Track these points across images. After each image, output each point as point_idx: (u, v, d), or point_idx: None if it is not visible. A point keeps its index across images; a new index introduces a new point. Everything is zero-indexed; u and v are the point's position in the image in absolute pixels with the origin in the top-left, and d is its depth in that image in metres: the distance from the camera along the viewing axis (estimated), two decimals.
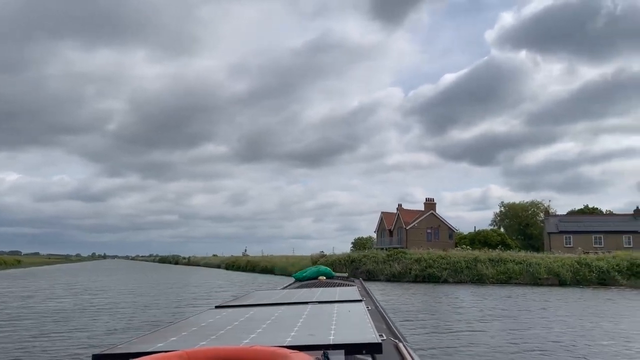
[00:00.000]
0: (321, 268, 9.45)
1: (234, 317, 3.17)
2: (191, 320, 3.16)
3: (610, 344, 12.72)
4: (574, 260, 39.36)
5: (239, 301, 4.42)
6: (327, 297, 4.29)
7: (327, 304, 3.80)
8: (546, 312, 20.32)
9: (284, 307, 3.72)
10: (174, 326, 2.92)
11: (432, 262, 42.19)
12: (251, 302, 4.17)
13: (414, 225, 58.41)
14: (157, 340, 2.38)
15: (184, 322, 3.06)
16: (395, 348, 2.67)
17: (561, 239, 54.73)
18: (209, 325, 2.90)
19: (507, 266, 40.25)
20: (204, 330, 2.71)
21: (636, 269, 37.41)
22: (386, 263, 43.84)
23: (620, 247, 51.04)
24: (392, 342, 2.82)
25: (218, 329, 2.69)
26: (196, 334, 2.59)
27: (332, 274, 9.24)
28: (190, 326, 2.85)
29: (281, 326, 2.75)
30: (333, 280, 8.18)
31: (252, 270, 64.86)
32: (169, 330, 2.74)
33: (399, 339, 3.01)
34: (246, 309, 3.63)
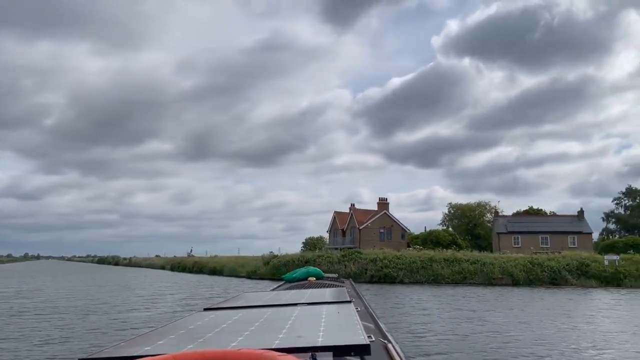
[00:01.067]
0: (310, 269, 9.20)
1: (222, 320, 3.15)
2: (179, 323, 3.11)
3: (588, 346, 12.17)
4: (527, 260, 39.81)
5: (227, 303, 4.36)
6: (316, 299, 4.22)
7: (316, 305, 3.74)
8: (517, 312, 19.88)
9: (272, 309, 3.66)
10: (161, 329, 2.87)
11: (388, 262, 41.59)
12: (240, 304, 4.11)
13: (367, 225, 57.85)
14: (145, 343, 2.34)
15: (171, 325, 3.01)
16: (385, 349, 2.66)
17: (510, 239, 55.77)
18: (197, 328, 2.87)
19: (462, 266, 40.22)
20: (192, 333, 2.69)
21: (585, 268, 38.25)
22: (341, 263, 42.83)
23: (565, 247, 52.49)
24: (381, 343, 2.83)
25: (206, 332, 2.67)
26: (184, 337, 2.56)
27: (321, 275, 9.02)
28: (178, 329, 2.82)
29: (269, 328, 2.73)
30: (323, 281, 8.02)
31: (199, 271, 62.32)
32: (157, 333, 2.69)
33: (389, 340, 3.02)
34: (234, 311, 3.60)
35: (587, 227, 56.32)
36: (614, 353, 11.76)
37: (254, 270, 47.86)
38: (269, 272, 45.79)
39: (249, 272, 48.48)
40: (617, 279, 36.85)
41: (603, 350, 12.09)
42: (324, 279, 8.69)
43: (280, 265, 45.57)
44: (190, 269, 66.00)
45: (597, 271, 37.71)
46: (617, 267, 37.60)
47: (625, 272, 37.15)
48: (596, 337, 13.93)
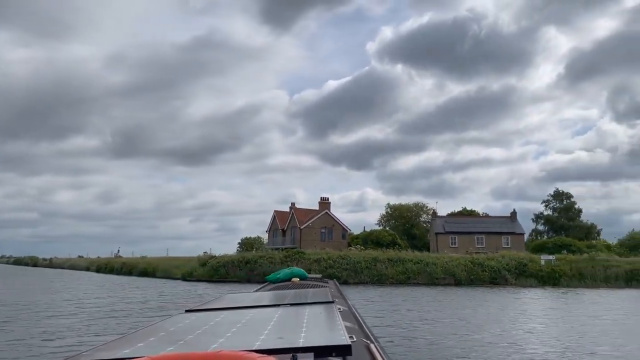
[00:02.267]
0: (294, 270, 9.12)
1: (203, 321, 3.11)
2: (159, 325, 3.07)
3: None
4: (468, 260, 40.29)
5: (209, 305, 4.32)
6: (299, 299, 4.20)
7: (299, 306, 3.71)
8: (471, 311, 19.47)
9: (255, 310, 3.63)
10: (141, 331, 2.82)
11: (332, 262, 40.72)
12: (222, 306, 4.08)
13: (309, 224, 56.81)
14: (123, 346, 2.30)
15: (152, 328, 2.97)
16: (367, 349, 2.65)
17: (447, 239, 56.72)
18: (178, 330, 2.83)
19: (405, 266, 40.07)
20: (172, 335, 2.65)
21: (523, 268, 39.23)
22: (284, 264, 41.36)
23: (499, 247, 54.05)
24: (364, 343, 2.81)
25: (186, 334, 2.64)
26: (164, 339, 2.52)
27: (305, 276, 8.97)
28: (158, 331, 2.78)
29: (251, 330, 2.72)
30: (306, 282, 7.95)
31: (128, 273, 58.60)
32: (136, 336, 2.64)
33: (371, 339, 3.04)
34: (216, 313, 3.56)
35: (519, 228, 58.40)
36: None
37: (190, 272, 45.37)
38: (207, 273, 43.58)
39: (184, 273, 45.91)
40: (553, 278, 38.04)
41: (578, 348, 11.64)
42: (308, 280, 8.60)
43: (219, 267, 43.54)
44: (119, 271, 62.00)
45: (535, 271, 38.78)
46: (553, 266, 38.86)
47: (561, 271, 38.45)
48: (567, 335, 13.57)
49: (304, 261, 41.33)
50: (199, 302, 5.51)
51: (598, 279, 37.32)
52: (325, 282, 8.34)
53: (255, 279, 41.47)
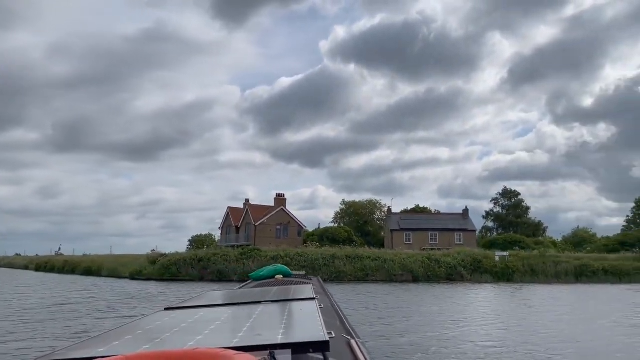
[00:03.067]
0: (278, 267, 9.07)
1: (182, 319, 3.05)
2: (137, 323, 3.01)
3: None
4: (424, 256, 40.44)
5: (189, 302, 4.19)
6: (280, 296, 4.12)
7: (280, 302, 3.64)
8: (435, 308, 19.18)
9: (235, 307, 3.63)
10: (118, 330, 2.76)
11: (289, 259, 39.73)
12: (202, 303, 3.96)
13: (264, 221, 55.62)
14: (99, 345, 2.25)
15: (129, 326, 2.90)
16: (348, 345, 2.67)
17: (402, 236, 57.06)
18: (156, 328, 2.78)
19: (363, 263, 39.75)
20: (149, 333, 2.60)
21: (478, 264, 39.76)
22: (239, 262, 40.24)
23: (452, 244, 54.85)
24: (344, 339, 2.86)
25: (164, 332, 2.60)
26: (140, 337, 2.48)
27: (289, 273, 8.89)
28: (135, 329, 2.73)
29: (230, 327, 2.72)
30: (290, 279, 7.86)
31: (71, 271, 55.47)
32: (113, 334, 2.59)
33: (352, 335, 3.04)
34: (196, 310, 3.49)
35: (471, 225, 59.55)
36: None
37: (139, 271, 43.25)
38: (157, 272, 41.68)
39: (132, 272, 43.72)
40: (507, 274, 38.75)
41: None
42: (292, 277, 8.53)
43: (170, 265, 41.75)
44: (61, 269, 58.60)
45: (489, 267, 39.37)
46: (507, 262, 39.58)
47: (514, 267, 39.23)
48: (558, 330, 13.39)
49: (260, 259, 40.25)
50: (178, 300, 5.32)
51: (550, 274, 38.32)
52: (309, 279, 8.28)
53: (208, 278, 40.04)
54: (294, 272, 9.75)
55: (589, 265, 39.20)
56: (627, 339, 12.51)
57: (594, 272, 38.47)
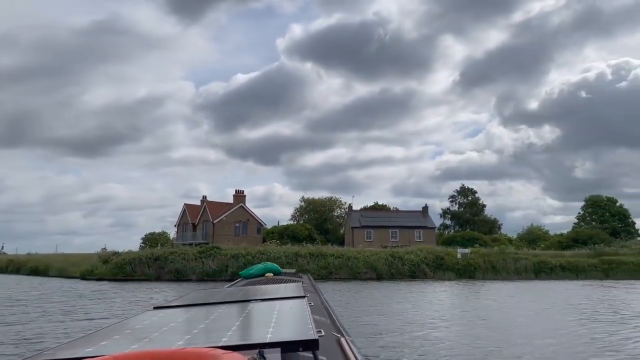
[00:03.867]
0: (268, 265, 9.07)
1: (171, 318, 3.07)
2: (125, 322, 3.01)
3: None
4: (388, 254, 40.19)
5: (178, 301, 4.20)
6: (270, 295, 4.11)
7: (269, 301, 3.63)
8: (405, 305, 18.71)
9: (225, 305, 3.58)
10: (106, 329, 2.74)
11: (250, 258, 38.58)
12: (191, 302, 3.99)
13: (222, 218, 54.03)
14: (86, 345, 2.23)
15: (117, 325, 2.90)
16: (337, 343, 2.69)
17: (363, 233, 56.83)
18: (144, 327, 2.76)
19: (327, 260, 39.09)
20: (138, 332, 2.59)
21: (440, 261, 39.85)
22: (198, 260, 38.75)
23: (412, 241, 55.06)
24: (334, 337, 2.88)
25: (153, 331, 2.57)
26: (129, 337, 2.46)
27: (279, 271, 8.95)
28: (123, 329, 2.72)
29: (219, 326, 2.69)
30: (280, 277, 7.91)
31: (16, 271, 52.22)
32: (101, 334, 2.57)
33: (342, 334, 3.06)
34: (186, 309, 3.54)
35: (431, 222, 60.01)
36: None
37: (91, 270, 40.95)
38: (110, 271, 39.61)
39: (83, 272, 41.36)
40: (469, 271, 39.02)
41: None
42: (282, 275, 8.54)
43: (124, 264, 39.76)
44: (4, 269, 55.09)
45: (451, 264, 39.53)
46: (468, 260, 39.85)
47: (475, 264, 39.54)
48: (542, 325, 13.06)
49: (220, 257, 38.96)
50: (167, 299, 5.17)
51: (510, 271, 38.85)
52: (299, 277, 8.23)
53: (166, 277, 38.36)
54: (284, 270, 9.70)
55: (546, 262, 40.02)
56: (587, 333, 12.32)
57: (552, 269, 39.31)
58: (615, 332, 12.95)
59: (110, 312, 17.27)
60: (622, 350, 10.60)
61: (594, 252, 42.28)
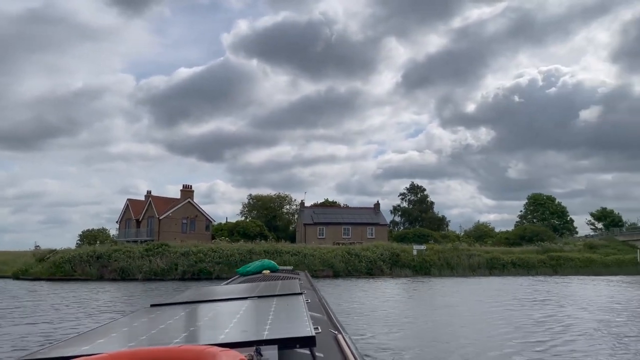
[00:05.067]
0: (265, 262, 9.03)
1: (168, 316, 3.05)
2: (123, 321, 3.02)
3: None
4: (344, 251, 39.47)
5: (176, 299, 4.18)
6: (267, 292, 4.11)
7: (267, 298, 3.64)
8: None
9: (222, 303, 3.59)
10: (104, 327, 2.73)
11: (202, 255, 36.81)
12: (189, 300, 3.99)
13: (169, 214, 51.39)
14: (84, 343, 2.22)
15: (115, 323, 2.90)
16: (335, 340, 2.70)
17: (315, 230, 55.90)
18: (142, 325, 2.77)
19: (283, 258, 37.67)
20: (135, 330, 2.60)
21: (395, 258, 39.55)
22: (145, 258, 36.43)
23: (365, 238, 54.70)
24: (331, 333, 2.89)
25: (150, 329, 2.59)
26: (126, 335, 2.49)
27: (276, 268, 8.91)
28: (121, 327, 2.71)
29: (216, 323, 2.72)
30: (277, 274, 7.87)
31: None
32: (98, 332, 2.55)
33: (339, 330, 3.08)
34: (183, 307, 3.51)
35: (383, 219, 59.93)
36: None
37: (25, 269, 37.66)
38: (46, 270, 36.61)
39: (16, 271, 37.97)
40: (425, 267, 38.93)
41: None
42: (279, 272, 8.52)
43: (63, 262, 36.85)
44: None
45: (407, 261, 39.32)
46: (424, 256, 39.78)
47: (431, 261, 39.52)
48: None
49: (169, 255, 36.83)
50: (164, 297, 5.16)
51: (464, 267, 39.10)
52: (296, 274, 8.22)
53: (109, 276, 35.80)
54: (281, 267, 9.60)
55: (498, 258, 40.66)
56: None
57: (504, 265, 39.95)
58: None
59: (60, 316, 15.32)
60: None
61: (542, 249, 43.41)
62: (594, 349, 10.11)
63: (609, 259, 41.42)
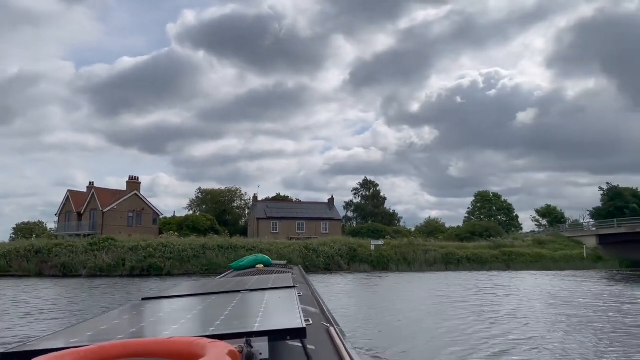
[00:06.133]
0: (259, 256, 8.96)
1: (159, 309, 3.06)
2: (113, 313, 2.97)
3: None
4: (302, 246, 38.55)
5: (167, 292, 4.10)
6: (259, 285, 4.06)
7: (259, 291, 3.61)
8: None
9: (214, 296, 3.55)
10: (94, 320, 2.70)
11: (152, 250, 34.78)
12: (180, 293, 3.94)
13: (114, 207, 48.54)
14: (73, 335, 2.20)
15: (105, 316, 2.84)
16: (327, 333, 2.73)
17: (269, 225, 54.67)
18: (132, 318, 2.77)
19: (238, 253, 36.19)
20: (125, 323, 2.58)
21: (353, 253, 39.04)
22: (89, 253, 34.02)
23: (319, 233, 54.09)
24: (323, 326, 2.91)
25: (140, 322, 2.60)
26: (116, 327, 2.44)
27: (269, 262, 8.81)
28: (111, 320, 2.65)
29: (207, 316, 2.69)
30: (270, 269, 7.79)
31: None
32: (88, 324, 2.52)
33: (331, 323, 3.06)
34: (174, 300, 3.49)
35: (337, 214, 59.47)
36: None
37: None
38: None
39: None
40: (383, 263, 38.63)
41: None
42: (272, 266, 8.54)
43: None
44: None
45: (365, 256, 38.88)
46: (381, 251, 39.47)
47: (388, 256, 39.28)
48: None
49: (116, 250, 34.56)
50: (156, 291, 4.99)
51: (421, 262, 39.11)
52: (290, 268, 8.35)
53: (49, 273, 33.18)
54: (275, 262, 9.65)
55: (454, 253, 40.96)
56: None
57: (459, 260, 40.28)
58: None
59: None
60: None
61: (494, 245, 44.20)
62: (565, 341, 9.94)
63: (558, 254, 42.70)
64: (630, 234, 43.61)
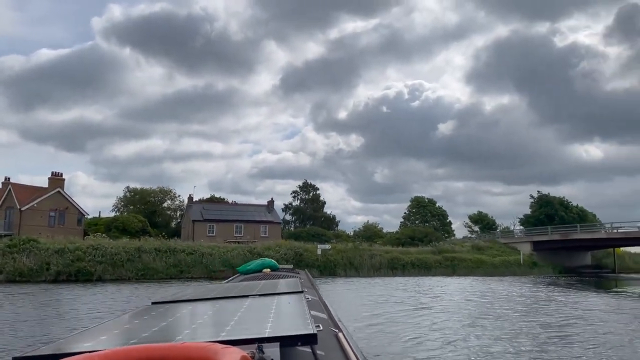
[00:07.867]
0: (266, 261, 9.06)
1: (170, 313, 3.05)
2: (124, 318, 2.99)
3: None
4: (246, 250, 36.65)
5: (177, 297, 4.17)
6: (268, 290, 4.10)
7: (268, 296, 3.63)
8: None
9: (223, 301, 3.58)
10: (105, 325, 2.73)
11: (81, 253, 31.50)
12: (190, 297, 3.98)
13: (34, 205, 43.86)
14: (86, 340, 2.22)
15: (116, 321, 2.89)
16: (335, 338, 2.69)
17: (205, 227, 51.99)
18: (143, 322, 2.75)
19: (177, 257, 33.93)
20: (137, 328, 2.59)
21: (299, 257, 37.63)
22: (7, 256, 30.23)
23: (258, 237, 52.14)
24: (332, 332, 2.86)
25: (151, 326, 2.57)
26: (128, 332, 2.48)
27: (276, 267, 8.82)
28: (123, 324, 2.71)
29: (218, 321, 2.70)
30: (277, 273, 7.89)
31: None
32: (100, 329, 2.54)
33: (340, 328, 3.05)
34: (184, 305, 3.51)
35: (277, 217, 57.73)
36: None
37: None
38: None
39: None
40: (330, 267, 37.54)
41: None
42: (279, 271, 8.42)
43: None
44: None
45: (312, 260, 37.60)
46: (328, 256, 38.37)
47: (335, 260, 38.25)
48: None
49: (39, 252, 30.97)
50: (165, 295, 4.89)
51: (368, 267, 38.41)
52: (297, 273, 8.21)
53: None
54: (281, 266, 9.70)
55: (399, 258, 40.67)
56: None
57: (404, 265, 40.02)
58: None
59: None
60: None
61: (437, 250, 44.47)
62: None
63: (497, 260, 43.61)
64: (562, 241, 45.45)
